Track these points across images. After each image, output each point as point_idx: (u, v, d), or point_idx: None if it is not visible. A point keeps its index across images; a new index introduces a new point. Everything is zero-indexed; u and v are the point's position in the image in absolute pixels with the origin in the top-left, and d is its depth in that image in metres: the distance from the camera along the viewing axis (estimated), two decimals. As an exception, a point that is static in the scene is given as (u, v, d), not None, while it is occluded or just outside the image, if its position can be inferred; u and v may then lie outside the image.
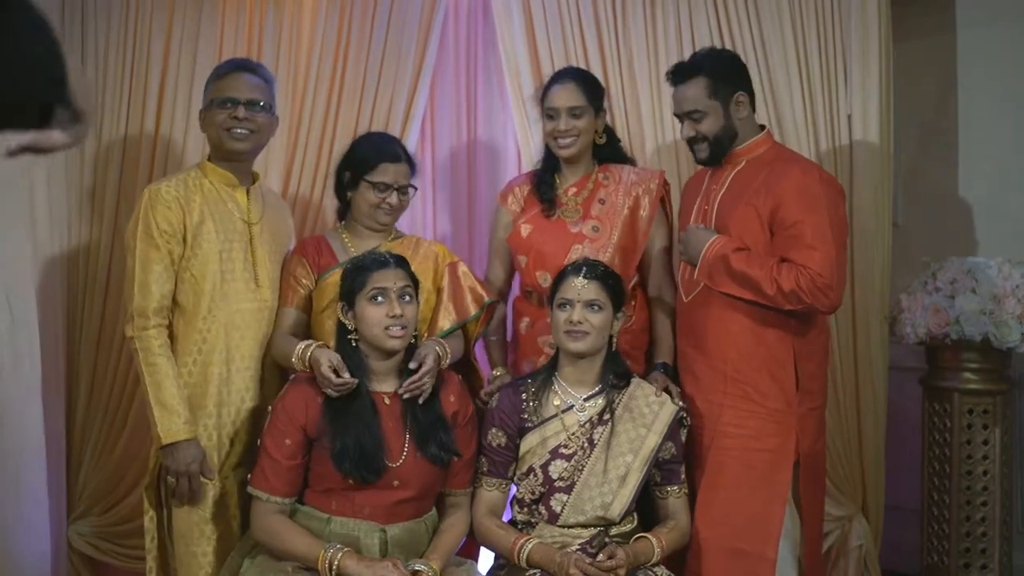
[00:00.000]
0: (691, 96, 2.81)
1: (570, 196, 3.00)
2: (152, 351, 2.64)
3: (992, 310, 3.28)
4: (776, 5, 3.48)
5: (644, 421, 2.69)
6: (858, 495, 3.51)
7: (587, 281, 2.66)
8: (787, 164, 2.80)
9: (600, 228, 2.96)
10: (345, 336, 2.60)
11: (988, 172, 3.80)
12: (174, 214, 2.67)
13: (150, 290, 2.65)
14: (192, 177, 2.77)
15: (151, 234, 2.66)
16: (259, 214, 2.82)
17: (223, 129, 2.74)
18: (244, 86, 2.76)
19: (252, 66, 2.84)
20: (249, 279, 2.76)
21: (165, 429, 2.60)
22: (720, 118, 2.81)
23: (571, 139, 2.95)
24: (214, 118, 2.75)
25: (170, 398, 2.62)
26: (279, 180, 3.38)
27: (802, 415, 2.77)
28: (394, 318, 2.53)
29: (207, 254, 2.69)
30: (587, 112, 2.95)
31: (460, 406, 2.67)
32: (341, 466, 2.49)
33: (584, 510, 2.63)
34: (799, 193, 2.70)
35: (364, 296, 2.55)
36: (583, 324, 2.64)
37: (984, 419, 3.40)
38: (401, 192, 2.87)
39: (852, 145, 3.50)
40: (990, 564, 3.40)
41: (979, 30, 3.80)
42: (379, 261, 2.60)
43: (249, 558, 2.61)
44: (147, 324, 2.64)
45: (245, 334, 2.74)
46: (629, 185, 2.99)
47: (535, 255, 2.97)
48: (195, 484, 2.64)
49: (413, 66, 3.48)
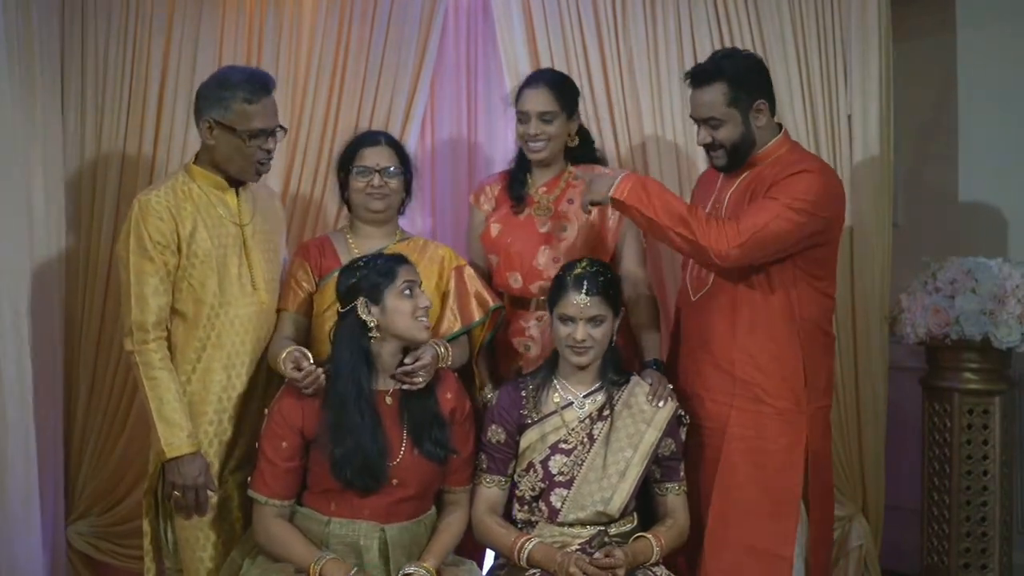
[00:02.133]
0: (708, 102, 2.70)
1: (541, 195, 3.00)
2: (153, 365, 2.63)
3: (992, 310, 3.28)
4: (776, 5, 3.48)
5: (644, 417, 2.69)
6: (858, 495, 3.52)
7: (589, 298, 2.65)
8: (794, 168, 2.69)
9: (567, 227, 2.96)
10: (363, 334, 2.56)
11: (988, 172, 3.80)
12: (166, 225, 2.64)
13: (147, 304, 2.63)
14: (180, 183, 2.72)
15: (144, 246, 2.62)
16: (250, 214, 2.79)
17: (254, 161, 2.71)
18: (272, 112, 2.72)
19: (270, 82, 2.74)
20: (245, 282, 2.74)
21: (169, 444, 2.60)
22: (738, 126, 2.70)
23: (541, 143, 2.95)
24: (242, 148, 2.67)
25: (172, 412, 2.61)
26: (279, 180, 3.38)
27: (811, 413, 2.75)
28: (424, 308, 2.59)
29: (203, 262, 2.67)
30: (558, 117, 2.94)
31: (457, 403, 2.67)
32: (341, 475, 2.48)
33: (584, 505, 2.63)
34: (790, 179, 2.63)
35: (395, 290, 2.55)
36: (587, 340, 2.65)
37: (984, 419, 3.40)
38: (384, 175, 2.86)
39: (852, 145, 3.50)
40: (990, 564, 3.40)
41: (979, 30, 3.80)
42: (398, 259, 2.63)
43: (249, 559, 2.61)
44: (147, 338, 2.63)
45: (244, 338, 2.74)
46: None
47: (504, 255, 2.98)
48: (201, 496, 2.63)
49: (413, 66, 3.48)
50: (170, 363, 2.66)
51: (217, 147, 2.70)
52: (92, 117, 3.38)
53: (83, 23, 3.37)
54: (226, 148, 2.70)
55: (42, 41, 3.24)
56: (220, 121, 2.67)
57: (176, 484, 2.62)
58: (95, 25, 3.37)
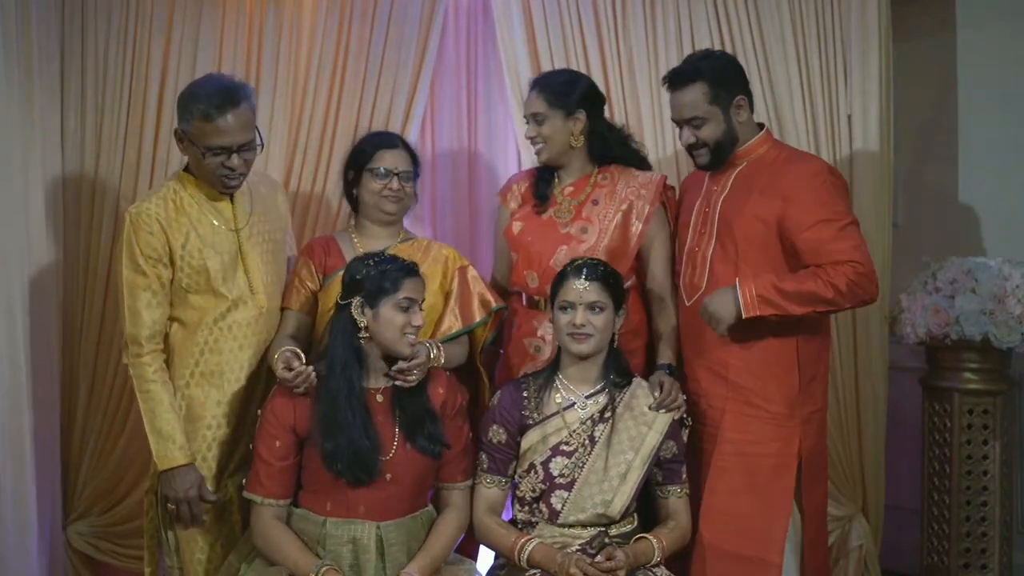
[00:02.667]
0: (690, 102, 2.75)
1: (566, 196, 2.99)
2: (146, 378, 2.63)
3: (992, 310, 3.28)
4: (776, 5, 3.48)
5: (645, 419, 2.69)
6: (858, 495, 3.52)
7: (588, 283, 2.65)
8: (790, 163, 2.77)
9: (588, 230, 2.93)
10: (354, 332, 2.57)
11: (988, 172, 3.80)
12: (156, 239, 2.63)
13: (140, 318, 2.63)
14: (172, 192, 2.69)
15: (136, 260, 2.62)
16: (246, 217, 2.77)
17: (216, 176, 2.64)
18: (234, 128, 2.58)
19: (236, 97, 2.60)
20: (244, 287, 2.73)
21: (161, 456, 2.61)
22: (721, 123, 2.76)
23: (539, 145, 2.95)
24: (204, 163, 2.61)
25: (165, 424, 2.62)
26: (279, 180, 3.37)
27: (804, 419, 2.76)
28: (415, 328, 2.57)
29: (198, 271, 2.66)
30: (548, 118, 2.92)
31: (448, 396, 2.67)
32: (332, 467, 2.50)
33: (584, 507, 2.63)
34: (810, 190, 2.68)
35: (393, 301, 2.55)
36: (586, 327, 2.64)
37: (984, 419, 3.40)
38: (402, 178, 2.86)
39: (852, 145, 3.50)
40: (990, 564, 3.40)
41: (979, 30, 3.80)
42: (408, 268, 2.60)
43: (246, 563, 2.62)
44: (140, 351, 2.63)
45: (243, 343, 2.73)
46: (625, 189, 2.96)
47: (524, 253, 2.97)
48: (195, 509, 2.63)
49: (413, 66, 3.48)
50: (165, 375, 2.66)
51: (188, 157, 2.70)
52: (92, 117, 3.38)
53: (83, 23, 3.37)
54: (192, 159, 2.68)
55: (41, 41, 3.23)
56: (185, 131, 2.63)
57: (169, 497, 2.62)
58: (95, 25, 3.37)
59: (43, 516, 3.24)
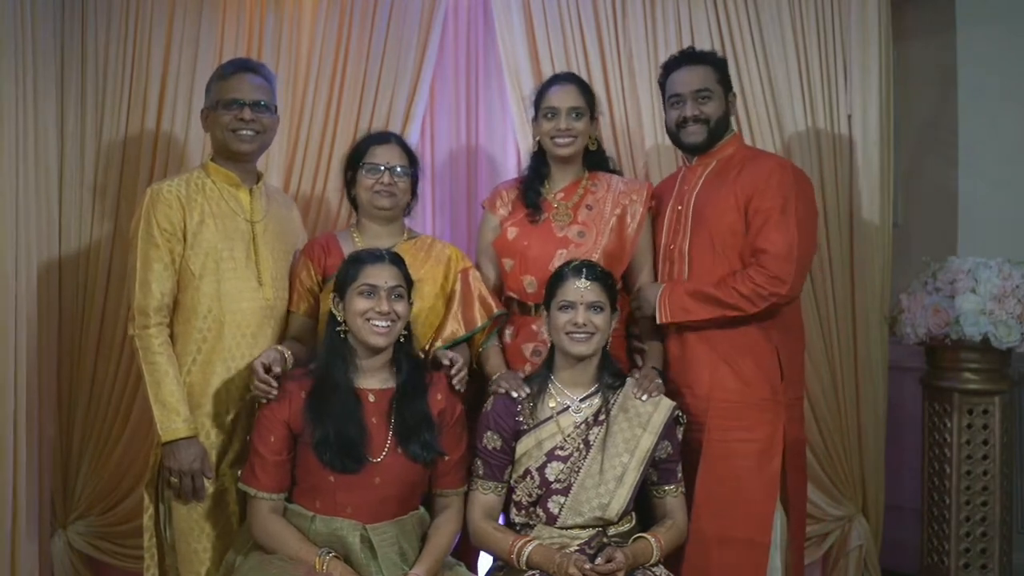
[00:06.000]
0: (703, 75, 2.92)
1: (559, 201, 2.99)
2: (152, 349, 2.65)
3: (992, 310, 3.28)
4: (776, 5, 3.49)
5: (640, 421, 2.69)
6: (858, 495, 3.52)
7: (589, 283, 2.66)
8: (758, 159, 2.93)
9: (585, 233, 2.94)
10: (334, 328, 2.62)
11: (988, 172, 3.80)
12: (175, 212, 2.69)
13: (151, 288, 2.66)
14: (195, 177, 2.79)
15: (152, 232, 2.67)
16: (262, 213, 2.82)
17: (229, 130, 2.76)
18: (248, 87, 2.77)
19: (254, 66, 2.84)
20: (252, 278, 2.76)
21: (165, 427, 2.61)
22: (722, 104, 2.94)
23: (570, 139, 2.95)
24: (219, 119, 2.76)
25: (169, 396, 2.62)
26: (280, 180, 3.38)
27: (788, 403, 2.83)
28: (381, 314, 2.56)
29: (206, 253, 2.70)
30: (585, 115, 2.96)
31: (447, 404, 2.67)
32: (322, 455, 2.51)
33: (582, 511, 2.63)
34: (775, 183, 2.81)
35: (354, 289, 2.58)
36: (588, 326, 2.64)
37: (984, 419, 3.40)
38: (394, 173, 2.87)
39: (852, 145, 3.50)
40: (990, 564, 3.40)
41: (979, 30, 3.80)
42: (374, 255, 2.62)
43: (242, 556, 2.62)
44: (148, 323, 2.65)
45: (246, 332, 2.74)
46: (618, 194, 2.98)
47: (520, 259, 2.96)
48: (198, 482, 2.64)
49: (413, 66, 3.48)
50: (171, 349, 2.68)
51: (212, 134, 2.81)
52: (92, 117, 3.39)
53: (83, 23, 3.38)
54: (211, 127, 2.81)
55: (41, 41, 3.24)
56: (207, 107, 2.82)
57: (172, 469, 2.63)
58: (95, 25, 3.38)
59: (43, 516, 3.25)
